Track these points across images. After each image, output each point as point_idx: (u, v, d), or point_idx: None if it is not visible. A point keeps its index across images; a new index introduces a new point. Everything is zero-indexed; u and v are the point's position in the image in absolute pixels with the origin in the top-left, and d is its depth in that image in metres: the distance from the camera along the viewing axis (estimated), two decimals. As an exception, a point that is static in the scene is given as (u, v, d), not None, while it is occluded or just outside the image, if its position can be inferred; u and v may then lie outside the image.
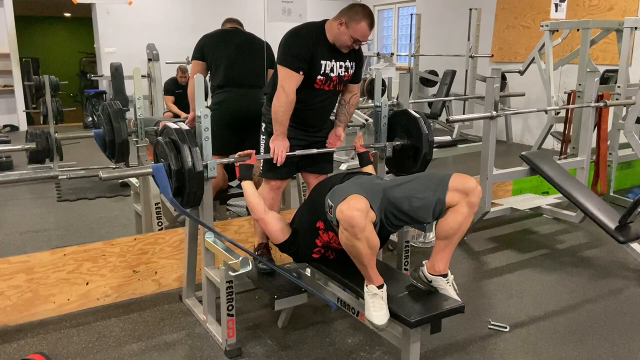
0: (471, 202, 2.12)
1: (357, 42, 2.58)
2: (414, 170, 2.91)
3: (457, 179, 2.12)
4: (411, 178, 2.25)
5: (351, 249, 2.03)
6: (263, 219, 2.42)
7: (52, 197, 4.78)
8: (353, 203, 1.97)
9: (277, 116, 2.57)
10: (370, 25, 2.54)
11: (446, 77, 7.68)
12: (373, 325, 2.05)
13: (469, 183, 2.12)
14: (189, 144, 2.26)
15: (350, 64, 2.69)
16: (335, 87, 2.69)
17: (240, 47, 3.38)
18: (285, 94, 2.53)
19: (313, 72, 2.58)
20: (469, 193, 2.11)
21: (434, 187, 2.13)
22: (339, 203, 2.01)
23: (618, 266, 3.37)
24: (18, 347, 2.47)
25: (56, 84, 6.08)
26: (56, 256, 2.70)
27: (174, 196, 2.32)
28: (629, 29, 4.36)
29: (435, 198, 2.11)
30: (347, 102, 2.82)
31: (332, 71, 2.62)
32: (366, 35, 2.55)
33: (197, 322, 2.68)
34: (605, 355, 2.41)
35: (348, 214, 1.95)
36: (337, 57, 2.63)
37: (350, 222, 1.94)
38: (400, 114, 2.96)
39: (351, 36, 2.53)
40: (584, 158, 3.89)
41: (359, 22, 2.50)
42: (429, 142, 2.80)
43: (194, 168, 2.24)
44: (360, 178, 2.37)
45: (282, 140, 2.59)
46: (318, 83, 2.62)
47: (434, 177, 2.20)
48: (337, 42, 2.58)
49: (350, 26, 2.51)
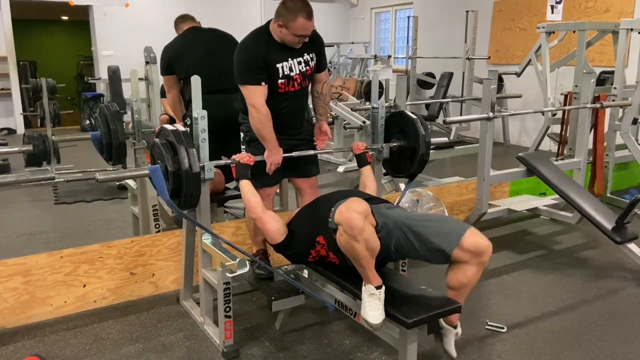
0: (482, 261, 2.08)
1: (302, 37, 2.52)
2: (411, 172, 2.91)
3: (470, 238, 2.05)
4: (427, 217, 2.20)
5: (350, 251, 2.01)
6: (261, 217, 2.40)
7: (49, 200, 4.78)
8: (353, 205, 1.96)
9: (261, 133, 2.56)
10: (307, 17, 2.45)
11: (443, 79, 7.70)
12: (368, 324, 2.05)
13: (481, 243, 2.06)
14: (185, 145, 2.26)
15: (309, 57, 2.64)
16: (300, 85, 2.66)
17: (207, 50, 3.28)
18: (257, 110, 2.51)
19: (272, 78, 2.55)
20: (481, 254, 2.06)
21: (445, 237, 2.08)
22: (337, 206, 2.00)
23: (615, 267, 3.38)
24: (15, 349, 2.46)
25: (53, 86, 6.07)
26: (53, 258, 2.69)
27: (171, 198, 2.32)
28: (624, 30, 4.38)
29: (442, 250, 2.07)
30: (320, 93, 2.79)
31: (291, 70, 2.58)
32: (308, 28, 2.48)
33: (194, 324, 2.67)
34: (602, 355, 2.42)
35: (347, 215, 1.93)
36: (292, 54, 2.57)
37: (349, 223, 1.92)
38: (397, 115, 2.97)
39: (294, 34, 2.48)
40: (581, 159, 3.90)
41: (295, 19, 2.43)
42: (426, 143, 2.81)
43: (191, 169, 2.24)
44: (375, 212, 2.23)
45: (276, 153, 2.59)
46: (281, 87, 2.59)
47: (449, 225, 2.14)
48: (285, 42, 2.53)
49: (288, 26, 2.46)
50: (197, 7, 9.38)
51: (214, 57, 3.29)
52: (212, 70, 3.21)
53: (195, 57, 3.27)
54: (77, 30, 11.88)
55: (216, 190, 3.48)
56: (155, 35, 8.27)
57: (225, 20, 3.60)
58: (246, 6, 9.24)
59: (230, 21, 3.68)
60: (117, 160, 3.36)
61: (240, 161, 2.47)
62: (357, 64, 9.43)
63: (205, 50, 3.30)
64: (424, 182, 4.71)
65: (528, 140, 7.04)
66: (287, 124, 2.70)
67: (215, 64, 3.25)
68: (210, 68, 3.22)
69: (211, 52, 3.30)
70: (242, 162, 2.47)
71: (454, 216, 3.99)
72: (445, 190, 4.04)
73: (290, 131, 2.73)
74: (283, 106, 2.64)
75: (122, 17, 8.65)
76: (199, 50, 3.29)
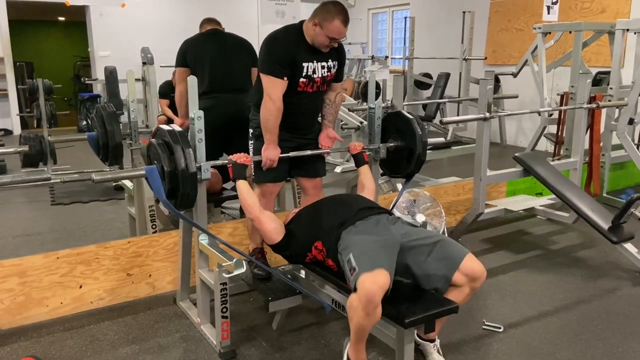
0: (475, 287, 2.15)
1: (334, 41, 2.56)
2: (408, 172, 2.92)
3: (469, 263, 2.10)
4: (427, 241, 2.16)
5: (357, 318, 1.98)
6: (258, 217, 2.39)
7: (45, 201, 4.76)
8: (378, 279, 1.92)
9: (267, 125, 2.56)
10: (343, 21, 2.50)
11: (440, 80, 7.71)
12: None
13: (477, 270, 2.11)
14: (182, 145, 2.25)
15: (332, 64, 2.68)
16: (319, 88, 2.68)
17: (223, 50, 3.33)
18: (272, 101, 2.52)
19: (295, 75, 2.57)
20: (475, 279, 2.12)
21: (446, 262, 2.10)
22: (363, 271, 1.94)
23: (611, 266, 3.39)
24: (11, 350, 2.45)
25: (50, 87, 6.05)
26: (49, 259, 2.69)
27: (167, 198, 2.32)
28: (620, 31, 4.39)
29: (443, 274, 2.10)
30: (332, 102, 2.81)
31: (314, 72, 2.61)
32: (342, 32, 2.52)
33: (191, 324, 2.67)
34: (598, 355, 2.42)
35: (371, 290, 1.90)
36: (318, 57, 2.61)
37: (370, 298, 1.90)
38: (394, 115, 2.97)
39: (327, 35, 2.51)
40: (577, 159, 3.91)
41: (332, 20, 2.48)
42: (423, 143, 2.81)
43: (187, 169, 2.24)
44: (377, 226, 2.23)
45: (273, 149, 2.60)
46: (301, 86, 2.61)
47: (449, 249, 2.15)
48: (315, 43, 2.56)
49: (324, 26, 2.49)
50: (193, 8, 9.41)
51: (228, 57, 3.34)
52: (226, 70, 3.28)
53: (210, 54, 3.32)
54: (74, 31, 11.88)
55: (213, 190, 3.48)
56: (152, 35, 8.32)
57: (221, 21, 3.59)
58: (242, 8, 9.24)
59: (226, 22, 3.67)
60: (114, 160, 3.36)
61: (237, 161, 2.47)
62: (354, 65, 9.44)
63: (220, 49, 3.35)
64: (421, 182, 4.72)
65: (525, 141, 7.06)
66: (300, 124, 2.73)
67: (228, 64, 3.31)
68: (223, 67, 3.29)
69: (226, 52, 3.36)
70: (239, 162, 2.46)
71: (450, 216, 3.99)
72: (442, 191, 4.05)
73: (301, 131, 2.75)
74: (298, 105, 2.65)
75: (118, 18, 8.64)
76: (215, 48, 3.34)
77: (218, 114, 3.16)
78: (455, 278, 2.10)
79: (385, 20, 10.12)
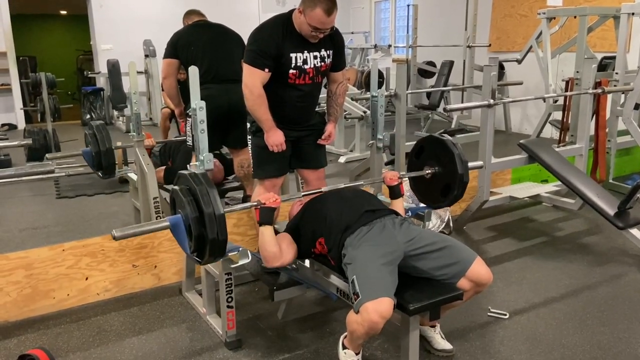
0: (479, 291, 2.15)
1: (317, 31, 2.43)
2: (440, 206, 2.70)
3: (476, 268, 2.09)
4: (433, 248, 2.12)
5: (357, 333, 1.98)
6: (283, 264, 2.27)
7: (51, 195, 4.78)
8: (382, 309, 1.88)
9: (257, 114, 2.52)
10: (326, 10, 2.35)
11: (444, 68, 7.66)
12: None
13: (484, 277, 2.11)
14: (206, 187, 1.98)
15: (326, 53, 2.57)
16: (313, 80, 2.59)
17: (214, 41, 3.31)
18: (249, 90, 2.46)
19: (284, 66, 2.49)
20: (481, 285, 2.12)
21: (453, 268, 2.09)
22: (367, 300, 1.89)
23: (617, 252, 3.37)
24: (18, 342, 2.47)
25: (53, 81, 6.06)
26: (55, 252, 2.70)
27: (195, 250, 2.05)
28: (626, 15, 4.34)
29: (450, 281, 2.09)
30: (334, 93, 2.73)
31: (305, 63, 2.52)
32: (324, 22, 2.39)
33: (197, 315, 2.68)
34: (604, 340, 2.42)
35: (374, 319, 1.87)
36: (309, 47, 2.51)
37: (372, 326, 1.89)
38: (435, 141, 2.68)
39: (308, 24, 2.40)
40: (583, 145, 3.88)
41: (314, 8, 2.35)
42: (463, 183, 2.53)
43: (214, 212, 1.93)
44: (382, 234, 2.14)
45: (274, 133, 2.54)
46: (291, 77, 2.53)
47: (456, 255, 2.11)
48: (302, 32, 2.46)
49: (306, 14, 2.38)
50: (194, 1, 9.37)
51: (218, 48, 3.34)
52: (217, 60, 3.28)
53: (201, 45, 3.31)
54: (76, 25, 11.86)
55: (215, 181, 3.48)
56: (154, 28, 8.27)
57: (222, 16, 3.59)
58: (243, 2, 9.19)
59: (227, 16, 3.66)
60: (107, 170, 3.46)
61: (265, 203, 2.17)
62: (357, 54, 9.38)
63: (211, 40, 3.34)
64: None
65: (530, 128, 7.01)
66: (292, 118, 2.64)
67: (219, 55, 3.30)
68: (214, 58, 3.29)
69: (216, 43, 3.35)
70: (267, 205, 2.17)
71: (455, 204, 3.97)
72: (447, 179, 4.03)
73: (299, 125, 2.68)
74: (291, 98, 2.59)
75: (120, 11, 8.61)
76: (206, 39, 3.33)
77: (213, 104, 3.11)
78: (460, 283, 2.09)
79: (388, 9, 10.05)
